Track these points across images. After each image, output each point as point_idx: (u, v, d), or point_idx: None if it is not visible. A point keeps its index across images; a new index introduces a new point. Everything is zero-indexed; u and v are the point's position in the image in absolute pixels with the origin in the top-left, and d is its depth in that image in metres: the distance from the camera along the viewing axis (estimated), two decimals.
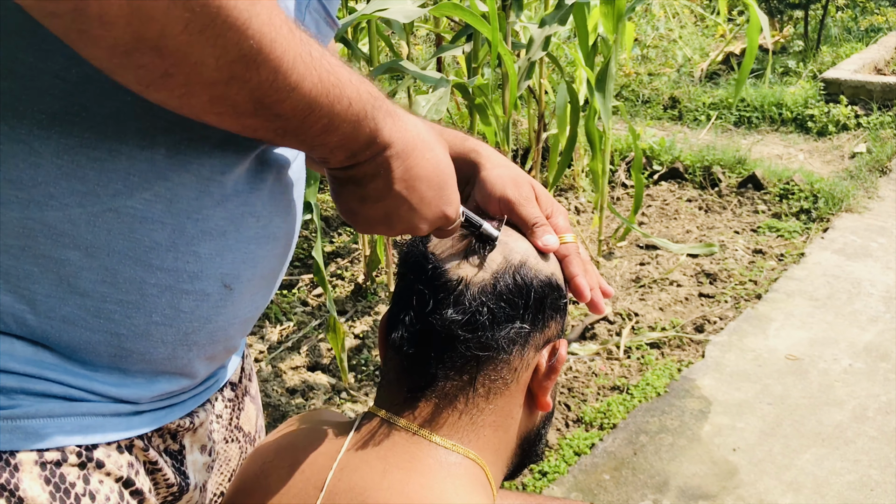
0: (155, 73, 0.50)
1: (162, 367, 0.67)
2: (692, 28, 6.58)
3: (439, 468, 0.73)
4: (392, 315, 0.80)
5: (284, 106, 0.55)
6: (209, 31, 0.48)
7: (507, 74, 2.67)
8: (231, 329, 0.71)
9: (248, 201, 0.67)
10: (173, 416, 0.73)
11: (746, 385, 2.47)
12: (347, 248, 3.44)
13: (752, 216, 3.73)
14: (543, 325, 0.78)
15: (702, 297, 3.03)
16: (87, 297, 0.61)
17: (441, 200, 0.70)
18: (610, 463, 2.14)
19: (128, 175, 0.59)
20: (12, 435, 0.59)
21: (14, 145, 0.56)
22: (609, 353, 2.68)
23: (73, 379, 0.62)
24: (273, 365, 2.62)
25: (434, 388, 0.76)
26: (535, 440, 0.84)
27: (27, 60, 0.56)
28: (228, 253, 0.66)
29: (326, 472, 0.74)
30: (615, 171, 4.12)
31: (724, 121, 5.04)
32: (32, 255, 0.59)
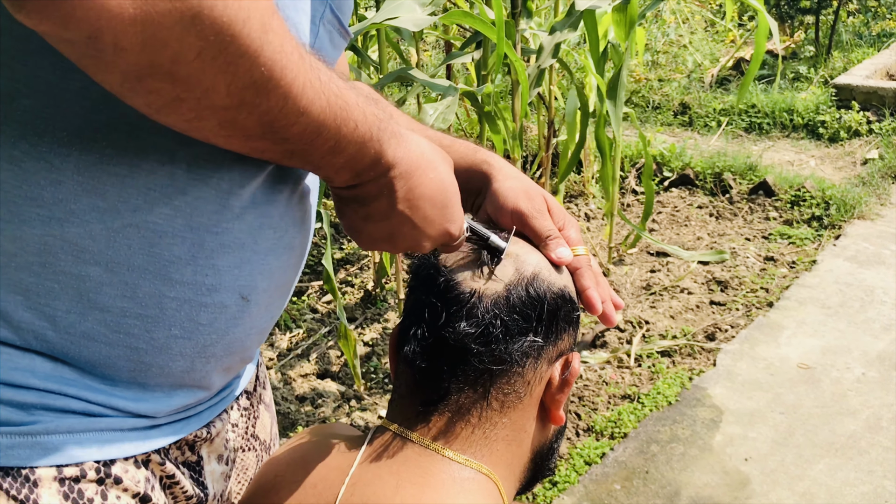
0: (166, 98, 0.51)
1: (180, 380, 0.68)
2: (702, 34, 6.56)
3: (452, 483, 0.73)
4: (403, 328, 0.79)
5: (293, 130, 0.56)
6: (221, 58, 0.49)
7: (516, 81, 2.66)
8: (248, 340, 0.71)
9: (265, 213, 0.67)
10: (190, 429, 0.73)
11: (758, 394, 2.45)
12: (357, 255, 3.44)
13: (763, 223, 3.71)
14: (556, 338, 0.78)
15: (713, 304, 3.01)
16: (107, 312, 0.61)
17: (444, 219, 0.70)
18: (621, 473, 2.13)
19: (148, 190, 0.60)
20: (32, 451, 0.60)
21: (35, 163, 0.57)
22: (620, 361, 2.66)
23: (92, 394, 0.63)
24: (282, 372, 2.62)
25: (447, 401, 0.75)
26: (547, 454, 0.83)
27: (48, 79, 0.56)
28: (246, 265, 0.66)
29: (338, 487, 0.73)
30: (625, 178, 4.11)
31: (735, 127, 5.02)
32: (53, 272, 0.59)
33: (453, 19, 2.18)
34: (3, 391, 0.59)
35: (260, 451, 0.89)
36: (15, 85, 0.56)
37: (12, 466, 0.59)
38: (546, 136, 3.44)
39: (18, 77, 0.55)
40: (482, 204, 0.84)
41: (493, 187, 0.83)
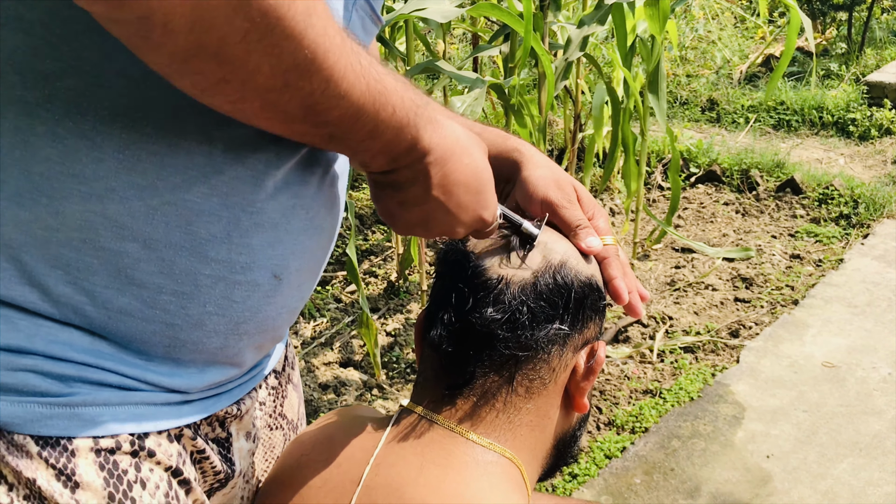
0: (211, 79, 0.52)
1: (213, 356, 0.69)
2: (732, 30, 6.50)
3: (476, 466, 0.73)
4: (430, 313, 0.80)
5: (333, 113, 0.57)
6: (267, 40, 0.50)
7: (543, 75, 2.66)
8: (279, 319, 0.72)
9: (298, 194, 0.68)
10: (221, 405, 0.74)
11: (782, 392, 2.44)
12: (381, 247, 3.46)
13: (789, 221, 3.68)
14: (583, 326, 0.78)
15: (737, 301, 2.99)
16: (144, 288, 0.62)
17: (478, 205, 0.71)
18: (641, 467, 2.13)
19: (186, 169, 0.61)
20: (70, 422, 0.61)
21: (77, 140, 0.58)
22: (642, 356, 2.66)
23: (127, 368, 0.64)
24: (306, 360, 2.64)
25: (472, 386, 0.76)
26: (570, 441, 0.84)
27: (92, 58, 0.57)
28: (279, 244, 0.67)
29: (363, 467, 0.75)
30: (651, 173, 4.09)
31: (763, 124, 4.97)
32: (92, 248, 0.60)
33: (481, 11, 2.19)
34: (43, 363, 0.60)
35: (287, 430, 0.90)
36: (60, 65, 0.57)
37: (51, 436, 0.61)
38: (572, 130, 3.43)
39: (64, 57, 0.57)
40: (511, 192, 0.85)
41: (523, 175, 0.83)
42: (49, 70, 0.57)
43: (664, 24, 2.61)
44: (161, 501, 0.66)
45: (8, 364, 0.59)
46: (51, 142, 0.58)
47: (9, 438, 0.59)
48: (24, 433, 0.60)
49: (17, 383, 0.60)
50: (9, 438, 0.59)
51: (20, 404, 0.60)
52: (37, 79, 0.57)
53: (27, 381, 0.60)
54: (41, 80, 0.57)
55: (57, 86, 0.57)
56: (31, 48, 0.56)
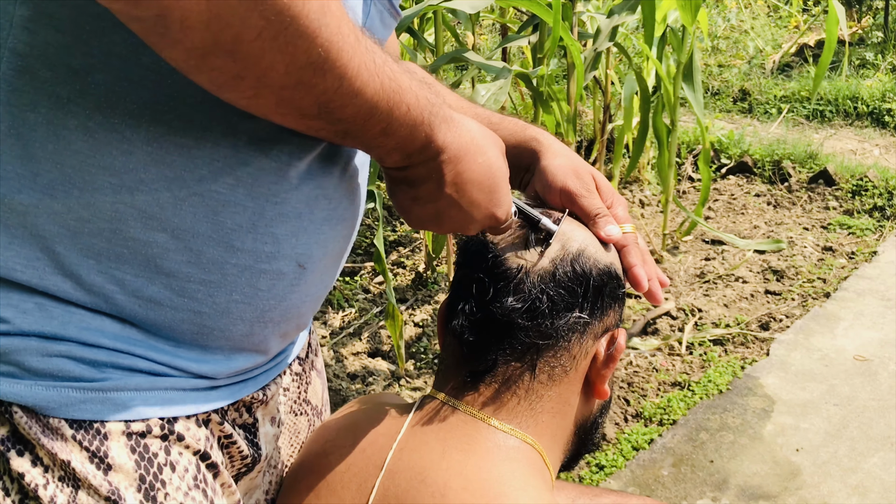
0: (227, 75, 0.53)
1: (240, 343, 0.70)
2: (764, 19, 6.42)
3: (498, 451, 0.74)
4: (452, 303, 0.81)
5: (347, 111, 0.58)
6: (281, 38, 0.51)
7: (572, 65, 2.65)
8: (303, 307, 0.74)
9: (321, 184, 0.69)
10: (248, 391, 0.76)
11: (812, 385, 2.41)
12: (409, 238, 3.47)
13: (822, 212, 3.63)
14: (602, 314, 0.79)
15: (768, 294, 2.97)
16: (173, 277, 0.64)
17: (491, 203, 0.72)
18: (668, 459, 2.12)
19: (212, 161, 0.62)
20: (103, 406, 0.63)
21: (107, 134, 0.59)
22: (671, 348, 2.64)
23: (157, 355, 0.66)
24: (335, 350, 2.66)
25: (494, 373, 0.77)
26: (591, 428, 0.84)
27: (121, 53, 0.59)
28: (303, 234, 0.69)
29: (386, 452, 0.76)
30: (682, 164, 4.06)
31: (796, 114, 4.91)
32: (123, 238, 0.62)
33: (510, 2, 2.18)
34: (76, 349, 0.62)
35: (311, 416, 0.91)
36: (90, 60, 0.58)
37: (84, 420, 0.62)
38: (602, 121, 3.41)
39: (94, 53, 0.58)
40: (531, 181, 0.85)
41: (542, 165, 0.84)
42: (79, 65, 0.58)
43: (696, 14, 2.59)
44: (190, 484, 0.67)
45: (43, 350, 0.61)
46: (82, 135, 0.59)
47: (44, 422, 0.61)
48: (59, 416, 0.62)
49: (51, 368, 0.61)
50: (44, 422, 0.61)
51: (55, 389, 0.61)
52: (68, 74, 0.58)
53: (61, 366, 0.62)
54: (72, 76, 0.58)
55: (87, 81, 0.59)
56: (63, 45, 0.58)
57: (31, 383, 0.61)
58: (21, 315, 0.61)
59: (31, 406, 0.61)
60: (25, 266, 0.61)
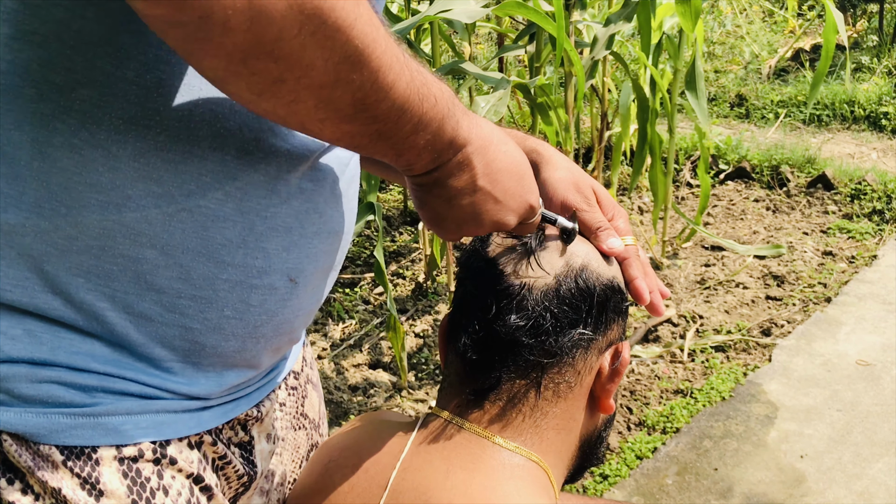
0: (268, 79, 0.52)
1: (231, 360, 0.70)
2: (760, 24, 6.43)
3: (502, 469, 0.74)
4: (454, 320, 0.80)
5: (382, 106, 0.57)
6: (320, 32, 0.50)
7: (569, 73, 2.65)
8: (296, 321, 0.73)
9: (311, 198, 0.69)
10: (241, 409, 0.75)
11: (815, 391, 2.41)
12: (408, 248, 3.47)
13: (821, 217, 3.63)
14: (606, 329, 0.78)
15: (769, 299, 2.96)
16: (163, 293, 0.63)
17: (523, 190, 0.71)
18: (672, 467, 2.11)
19: (200, 175, 0.62)
20: (94, 431, 0.62)
21: (93, 150, 0.59)
22: (672, 356, 2.64)
23: (148, 378, 0.65)
24: (335, 362, 2.65)
25: (498, 391, 0.76)
26: (596, 442, 0.83)
27: (105, 68, 0.58)
28: (294, 248, 0.68)
29: (390, 472, 0.75)
30: (680, 171, 4.06)
31: (793, 119, 4.91)
32: (111, 255, 0.61)
33: (507, 10, 2.18)
34: (66, 374, 0.61)
35: (310, 430, 0.91)
36: (73, 76, 0.58)
37: (75, 446, 0.61)
38: (599, 129, 3.42)
39: (77, 68, 0.57)
40: None
41: (543, 177, 0.83)
42: (63, 82, 0.58)
43: (696, 21, 2.58)
44: None
45: (32, 376, 0.60)
46: (68, 153, 0.58)
47: (34, 449, 0.60)
48: (50, 443, 0.61)
49: (41, 395, 0.61)
50: (34, 449, 0.60)
51: (45, 415, 0.60)
52: (52, 91, 0.58)
53: (51, 392, 0.61)
54: (56, 92, 0.58)
55: (71, 97, 0.58)
56: (46, 61, 0.57)
57: (20, 410, 0.60)
58: (10, 341, 0.60)
59: (21, 433, 0.60)
60: (14, 286, 0.60)
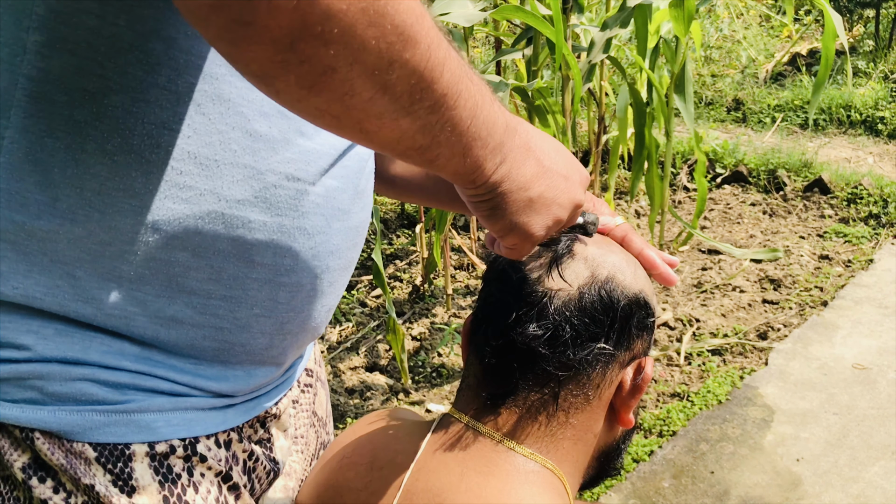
0: (318, 67, 0.48)
1: (260, 357, 0.71)
2: (757, 28, 6.45)
3: (517, 474, 0.73)
4: (475, 321, 0.80)
5: (437, 89, 0.53)
6: (370, 7, 0.47)
7: (566, 77, 2.66)
8: (319, 317, 0.74)
9: (336, 196, 0.70)
10: (262, 407, 0.76)
11: (811, 394, 2.41)
12: (405, 251, 3.47)
13: (818, 221, 3.64)
14: (629, 344, 0.76)
15: (765, 303, 2.97)
16: (194, 295, 0.64)
17: (573, 164, 0.68)
18: (669, 470, 2.12)
19: (231, 177, 0.62)
20: (127, 428, 0.63)
21: (126, 156, 0.59)
22: (669, 359, 2.64)
23: (178, 375, 0.66)
24: (332, 365, 2.65)
25: (515, 397, 0.75)
26: (613, 455, 0.82)
27: (136, 74, 0.58)
28: (320, 246, 0.69)
29: (404, 472, 0.75)
30: (677, 175, 4.06)
31: (790, 123, 4.93)
32: (144, 259, 0.62)
33: (506, 14, 2.19)
34: (98, 372, 0.62)
35: (318, 427, 0.92)
36: (105, 82, 0.58)
37: (108, 443, 0.62)
38: (596, 132, 3.42)
39: (109, 75, 0.58)
40: None
41: None
42: (95, 88, 0.58)
43: (689, 26, 2.60)
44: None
45: (65, 375, 0.61)
46: (101, 158, 0.59)
47: (67, 447, 0.61)
48: (83, 441, 0.61)
49: (74, 393, 0.61)
50: (67, 447, 0.61)
51: (78, 413, 0.61)
52: (84, 97, 0.58)
53: (84, 389, 0.61)
54: (88, 99, 0.58)
55: (104, 103, 0.58)
56: (77, 68, 0.57)
57: (54, 408, 0.61)
58: (42, 341, 0.60)
59: (54, 431, 0.61)
60: (45, 293, 0.60)
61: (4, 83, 0.57)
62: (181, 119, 0.60)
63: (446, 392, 2.51)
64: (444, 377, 2.59)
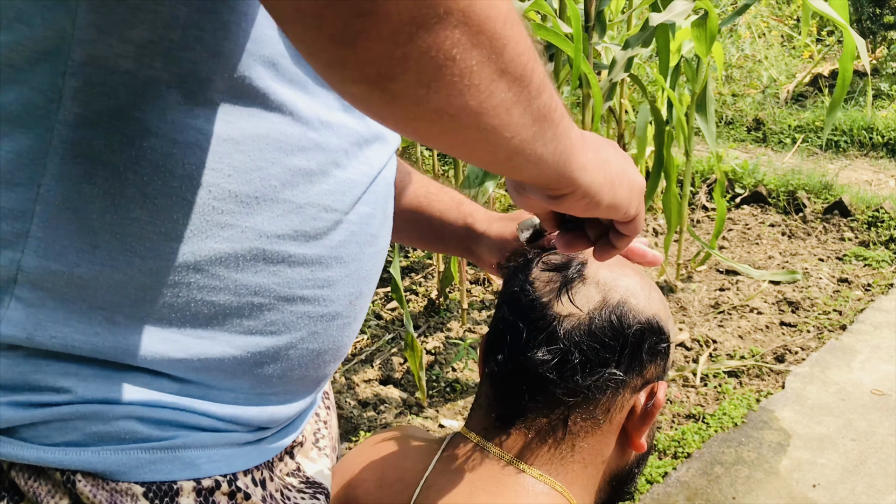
0: (440, 57, 0.44)
1: (296, 387, 0.71)
2: (779, 48, 6.43)
3: (526, 494, 0.73)
4: (488, 341, 0.80)
5: (538, 73, 0.51)
6: None
7: (587, 95, 2.66)
8: (349, 340, 0.74)
9: (368, 222, 0.70)
10: (292, 437, 0.75)
11: (829, 419, 2.39)
12: (421, 264, 3.47)
13: (837, 244, 3.61)
14: (641, 370, 0.76)
15: (783, 325, 2.94)
16: (235, 333, 0.64)
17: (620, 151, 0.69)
18: (683, 493, 2.10)
19: (273, 216, 0.62)
20: (172, 465, 0.62)
21: (167, 199, 0.58)
22: (685, 380, 2.62)
23: (217, 409, 0.65)
24: (346, 377, 2.65)
25: (525, 419, 0.75)
26: (625, 479, 0.81)
27: (175, 117, 0.57)
28: (354, 274, 0.69)
29: (413, 489, 0.75)
30: (696, 194, 4.05)
31: (811, 144, 4.90)
32: (185, 301, 0.61)
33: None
34: (140, 410, 0.61)
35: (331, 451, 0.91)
36: (144, 126, 0.57)
37: (155, 480, 0.61)
38: None
39: (147, 119, 0.57)
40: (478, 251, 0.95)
41: (480, 231, 0.92)
42: (133, 132, 0.57)
43: (711, 46, 2.59)
44: None
45: (107, 414, 0.60)
46: (141, 203, 0.58)
47: (112, 486, 0.60)
48: (130, 480, 0.60)
49: (117, 431, 0.60)
50: (112, 486, 0.60)
51: (123, 451, 0.60)
52: (122, 142, 0.57)
53: (127, 428, 0.61)
54: (127, 143, 0.57)
55: (142, 147, 0.57)
56: (115, 112, 0.56)
57: (97, 449, 0.60)
58: (82, 383, 0.60)
59: (99, 472, 0.60)
60: (84, 341, 0.59)
61: (41, 129, 0.56)
62: (221, 159, 0.59)
63: (460, 407, 2.50)
64: (458, 392, 2.59)
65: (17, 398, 0.58)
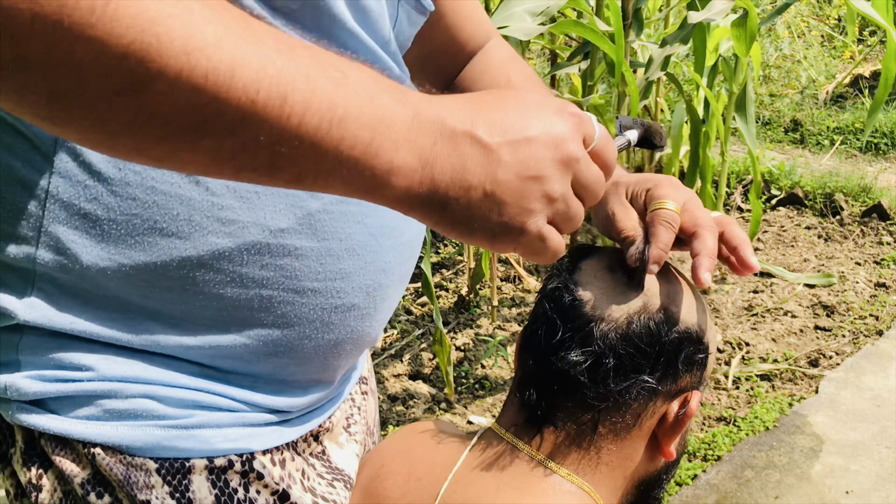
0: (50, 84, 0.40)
1: (314, 376, 0.72)
2: (818, 48, 6.33)
3: (553, 493, 0.73)
4: (525, 337, 0.79)
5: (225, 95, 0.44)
6: None
7: (622, 93, 2.64)
8: (374, 332, 0.75)
9: (385, 214, 0.69)
10: (317, 421, 0.77)
11: (863, 425, 2.35)
12: (452, 260, 3.47)
13: (875, 247, 3.55)
14: (675, 378, 0.74)
15: (818, 329, 2.90)
16: (246, 325, 0.65)
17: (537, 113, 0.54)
18: (712, 496, 2.08)
19: (275, 210, 0.63)
20: (188, 442, 0.65)
21: (167, 196, 0.61)
22: (717, 382, 2.60)
23: (236, 392, 0.67)
24: (376, 371, 2.67)
25: (555, 419, 0.75)
26: (654, 485, 0.80)
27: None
28: (370, 266, 0.70)
29: (441, 483, 0.75)
30: (731, 195, 4.00)
31: (850, 146, 4.82)
32: (193, 294, 0.63)
33: (565, 29, 2.18)
34: (160, 389, 0.64)
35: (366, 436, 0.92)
36: None
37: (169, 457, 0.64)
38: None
39: None
40: None
41: None
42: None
43: (751, 45, 2.55)
44: None
45: (127, 391, 0.63)
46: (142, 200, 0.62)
47: (128, 460, 0.63)
48: (144, 455, 0.63)
49: (136, 408, 0.63)
50: (128, 460, 0.63)
51: (140, 428, 0.63)
52: None
53: (146, 406, 0.64)
54: None
55: None
56: None
57: (117, 424, 0.63)
58: (104, 362, 0.63)
59: (117, 446, 0.62)
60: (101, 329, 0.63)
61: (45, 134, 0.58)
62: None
63: (488, 404, 2.50)
64: (486, 389, 2.59)
65: (44, 373, 0.62)
